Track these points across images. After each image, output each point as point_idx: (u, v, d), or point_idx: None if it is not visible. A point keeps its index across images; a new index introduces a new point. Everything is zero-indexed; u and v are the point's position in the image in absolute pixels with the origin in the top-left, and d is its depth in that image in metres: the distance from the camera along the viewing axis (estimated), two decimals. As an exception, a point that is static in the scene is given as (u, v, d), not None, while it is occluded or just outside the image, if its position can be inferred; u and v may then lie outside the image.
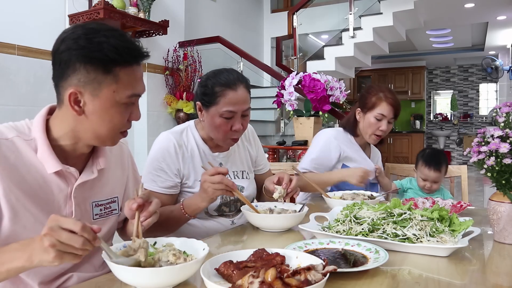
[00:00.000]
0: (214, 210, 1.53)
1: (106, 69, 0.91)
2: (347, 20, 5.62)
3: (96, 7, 3.26)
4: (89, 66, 0.90)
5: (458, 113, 10.94)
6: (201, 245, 0.93)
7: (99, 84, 0.91)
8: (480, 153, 1.16)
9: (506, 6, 6.18)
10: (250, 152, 1.71)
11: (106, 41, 0.90)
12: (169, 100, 4.06)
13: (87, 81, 0.91)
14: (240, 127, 1.44)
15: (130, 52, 0.93)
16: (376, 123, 1.99)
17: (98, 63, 0.90)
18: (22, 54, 3.02)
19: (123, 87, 0.93)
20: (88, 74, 0.90)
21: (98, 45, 0.90)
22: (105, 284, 0.89)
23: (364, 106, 2.03)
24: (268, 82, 5.99)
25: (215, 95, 1.41)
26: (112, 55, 0.90)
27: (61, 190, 1.01)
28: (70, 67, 0.91)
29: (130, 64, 0.94)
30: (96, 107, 0.93)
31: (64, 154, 1.00)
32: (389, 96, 1.99)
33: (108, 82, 0.91)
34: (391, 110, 1.98)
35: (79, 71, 0.91)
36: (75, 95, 0.92)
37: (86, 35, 0.90)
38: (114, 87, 0.92)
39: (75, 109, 0.93)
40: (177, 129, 1.55)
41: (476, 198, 6.04)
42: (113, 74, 0.91)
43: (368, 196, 1.71)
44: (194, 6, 5.36)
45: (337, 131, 2.13)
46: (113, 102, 0.93)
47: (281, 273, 0.74)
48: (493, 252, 1.14)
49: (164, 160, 1.46)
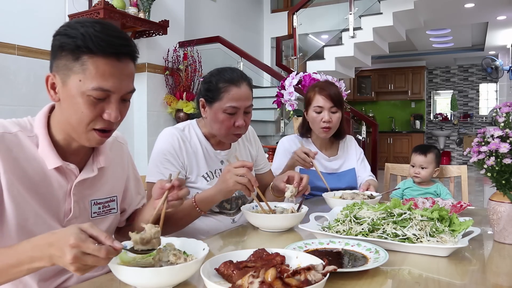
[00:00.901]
0: (216, 206, 1.53)
1: (74, 56, 0.89)
2: (347, 20, 5.62)
3: (96, 7, 3.26)
4: (61, 51, 0.91)
5: (458, 113, 10.94)
6: (201, 245, 0.93)
7: (68, 71, 0.91)
8: (480, 153, 1.16)
9: (506, 6, 6.18)
10: (250, 151, 1.73)
11: (80, 29, 0.89)
12: (169, 100, 4.06)
13: (60, 66, 0.92)
14: (242, 123, 1.46)
15: (101, 42, 0.88)
16: (316, 116, 1.99)
17: (68, 49, 0.89)
18: (22, 54, 3.02)
19: (90, 78, 0.89)
20: (61, 60, 0.91)
21: (72, 32, 0.89)
22: (105, 284, 0.89)
23: (305, 105, 2.06)
24: (268, 82, 5.99)
25: (219, 91, 1.44)
26: (78, 42, 0.88)
27: (61, 187, 1.01)
28: (52, 53, 0.93)
29: (102, 54, 0.89)
30: (64, 95, 0.93)
31: (63, 150, 1.01)
32: (321, 87, 1.99)
33: (75, 70, 0.90)
34: (325, 99, 1.96)
35: (56, 57, 0.92)
36: (52, 80, 0.93)
37: (69, 23, 0.92)
38: (81, 76, 0.89)
39: (51, 94, 0.94)
40: (179, 126, 1.57)
41: (476, 198, 6.04)
42: (80, 62, 0.89)
43: (368, 196, 1.71)
44: (194, 6, 5.36)
45: (293, 137, 2.14)
46: (79, 92, 0.90)
47: (281, 273, 0.73)
48: (493, 252, 1.14)
49: (170, 153, 1.47)
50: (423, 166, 2.17)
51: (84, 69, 0.89)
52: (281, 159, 2.02)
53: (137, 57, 0.98)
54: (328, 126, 1.98)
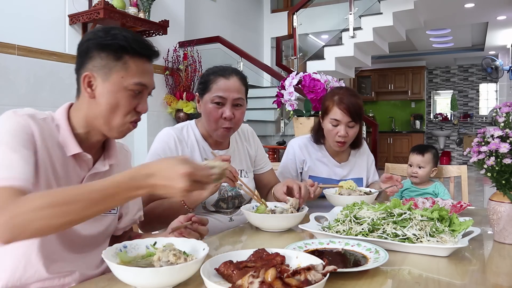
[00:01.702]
0: (212, 205, 1.54)
1: (116, 56, 1.01)
2: (347, 20, 5.62)
3: (96, 7, 3.26)
4: (102, 52, 1.01)
5: (458, 113, 10.94)
6: (201, 245, 0.93)
7: (109, 70, 1.01)
8: (480, 153, 1.16)
9: (506, 6, 6.18)
10: (249, 152, 1.73)
11: (119, 33, 1.02)
12: (169, 100, 4.06)
13: (99, 66, 1.01)
14: (230, 115, 1.48)
15: (139, 44, 1.03)
16: (332, 129, 1.85)
17: (109, 50, 1.00)
18: (22, 54, 3.02)
19: (131, 75, 1.02)
20: (101, 60, 1.01)
21: (112, 35, 1.01)
22: (105, 284, 0.89)
23: (322, 112, 1.92)
24: (268, 82, 5.99)
25: (208, 82, 1.50)
26: (122, 43, 1.00)
27: (77, 175, 1.06)
28: (88, 56, 1.02)
29: (139, 55, 1.03)
30: (105, 90, 1.01)
31: (80, 143, 1.05)
32: (341, 99, 1.82)
33: (117, 69, 1.01)
34: (344, 114, 1.80)
35: (94, 58, 1.01)
36: (89, 78, 1.02)
37: (104, 29, 1.04)
38: (123, 73, 1.01)
39: (88, 92, 1.02)
40: (178, 126, 1.60)
41: (476, 198, 6.04)
42: (122, 61, 1.01)
43: (364, 192, 1.71)
44: (194, 6, 5.36)
45: (305, 141, 2.02)
46: (120, 87, 1.01)
47: (281, 273, 0.74)
48: (493, 252, 1.14)
49: (164, 154, 1.49)
50: (421, 165, 2.18)
51: (126, 67, 1.02)
52: (288, 165, 1.96)
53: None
54: (343, 141, 1.85)
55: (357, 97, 1.86)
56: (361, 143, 2.02)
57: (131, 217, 1.27)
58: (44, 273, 0.99)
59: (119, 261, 0.88)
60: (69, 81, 3.33)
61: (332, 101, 1.85)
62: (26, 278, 0.99)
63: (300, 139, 2.04)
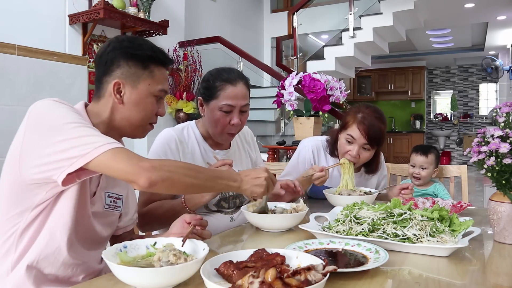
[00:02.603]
0: (214, 205, 1.54)
1: (144, 65, 1.10)
2: (347, 20, 5.62)
3: (96, 7, 3.26)
4: (131, 62, 1.09)
5: (458, 113, 10.94)
6: (201, 245, 0.93)
7: (138, 78, 1.09)
8: (480, 153, 1.16)
9: (506, 6, 6.18)
10: (250, 154, 1.76)
11: (145, 43, 1.12)
12: (169, 100, 4.06)
13: (128, 74, 1.09)
14: (238, 121, 1.49)
15: (162, 54, 1.14)
16: (346, 144, 1.77)
17: (138, 60, 1.09)
18: (22, 54, 3.02)
19: (156, 82, 1.12)
20: (130, 68, 1.09)
21: (139, 45, 1.11)
22: (105, 284, 0.89)
23: (341, 125, 1.83)
24: (268, 82, 5.99)
25: (216, 89, 1.48)
26: (150, 53, 1.10)
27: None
28: (115, 64, 1.09)
29: (163, 64, 1.13)
30: (133, 97, 1.10)
31: None
32: (365, 119, 1.72)
33: (145, 77, 1.10)
34: (361, 135, 1.71)
35: (122, 67, 1.09)
36: (118, 85, 1.09)
37: (129, 39, 1.13)
38: (150, 81, 1.11)
39: (117, 98, 1.09)
40: (179, 126, 1.60)
41: (476, 198, 6.04)
42: (149, 70, 1.10)
43: (364, 192, 1.71)
44: (194, 6, 5.36)
45: (319, 144, 1.96)
46: (148, 93, 1.11)
47: (281, 273, 0.73)
48: (493, 252, 1.14)
49: (165, 155, 1.49)
50: (424, 166, 2.16)
51: (153, 75, 1.11)
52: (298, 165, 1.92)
53: None
54: (353, 161, 1.77)
55: (381, 122, 1.74)
56: (376, 170, 1.93)
57: (130, 217, 1.29)
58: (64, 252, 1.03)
59: (119, 261, 0.88)
60: (69, 81, 3.33)
61: (354, 118, 1.75)
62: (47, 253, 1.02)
63: (314, 141, 1.98)
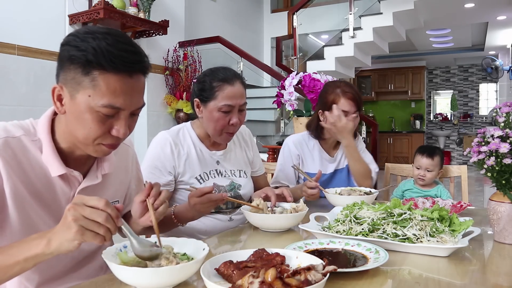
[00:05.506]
0: None
1: (84, 71, 0.85)
2: (347, 20, 5.62)
3: (96, 7, 3.26)
4: (70, 64, 0.86)
5: (458, 113, 10.94)
6: (201, 245, 0.93)
7: (77, 85, 0.86)
8: (480, 153, 1.16)
9: (506, 6, 6.18)
10: (247, 153, 1.75)
11: (91, 42, 0.84)
12: (169, 100, 4.06)
13: (68, 79, 0.87)
14: (237, 121, 1.49)
15: (113, 58, 0.84)
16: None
17: (77, 63, 0.85)
18: (22, 54, 3.02)
19: (100, 94, 0.85)
20: (69, 72, 0.87)
21: (82, 44, 0.84)
22: (105, 284, 0.89)
23: (324, 106, 1.90)
24: (268, 82, 5.99)
25: (213, 90, 1.47)
26: (89, 57, 0.83)
27: (65, 193, 1.00)
28: (60, 63, 0.89)
29: (114, 71, 0.85)
30: (72, 108, 0.88)
31: (67, 157, 0.99)
32: (347, 90, 1.86)
33: (85, 85, 0.85)
34: (352, 104, 1.85)
35: (64, 68, 0.88)
36: (58, 91, 0.89)
37: (80, 34, 0.87)
38: (90, 91, 0.85)
39: (57, 106, 0.91)
40: (174, 129, 1.60)
41: (476, 198, 6.04)
42: (90, 77, 0.85)
43: (364, 192, 1.71)
44: (194, 6, 5.36)
45: (299, 138, 2.02)
46: (87, 107, 0.86)
47: (281, 273, 0.73)
48: (493, 252, 1.14)
49: (159, 159, 1.50)
50: (430, 169, 2.12)
51: (94, 85, 0.85)
52: (286, 162, 1.96)
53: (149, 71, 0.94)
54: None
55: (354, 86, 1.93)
56: (357, 134, 2.02)
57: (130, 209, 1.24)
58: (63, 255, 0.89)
59: (119, 261, 0.88)
60: (69, 81, 3.33)
61: (337, 94, 1.86)
62: None
63: (294, 136, 2.06)
